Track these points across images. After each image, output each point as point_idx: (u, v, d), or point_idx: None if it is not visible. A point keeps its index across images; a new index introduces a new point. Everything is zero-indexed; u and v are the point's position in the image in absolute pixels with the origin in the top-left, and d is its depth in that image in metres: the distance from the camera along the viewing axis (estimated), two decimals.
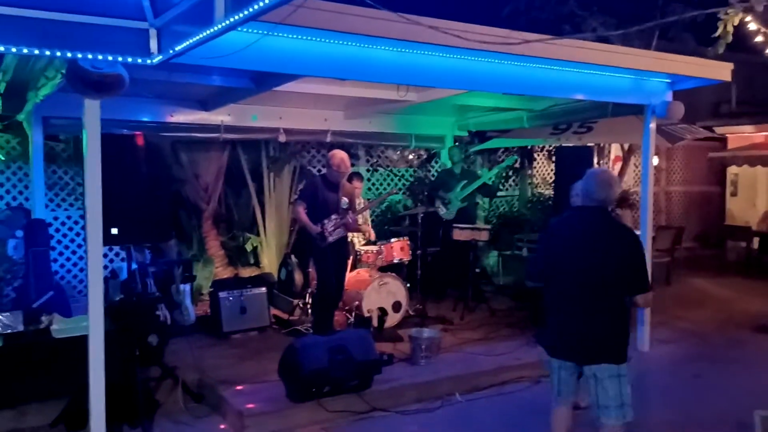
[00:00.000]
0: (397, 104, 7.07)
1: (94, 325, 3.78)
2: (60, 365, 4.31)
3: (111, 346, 3.88)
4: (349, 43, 4.10)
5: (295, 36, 3.83)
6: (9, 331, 4.20)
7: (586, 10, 9.18)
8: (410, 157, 9.80)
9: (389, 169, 9.66)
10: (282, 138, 7.75)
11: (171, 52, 3.01)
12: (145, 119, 6.87)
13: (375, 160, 9.59)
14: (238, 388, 4.89)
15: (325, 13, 3.46)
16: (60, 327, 4.30)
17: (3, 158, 6.83)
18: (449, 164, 8.59)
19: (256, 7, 2.23)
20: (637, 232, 6.52)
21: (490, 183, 7.98)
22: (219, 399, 4.79)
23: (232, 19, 2.42)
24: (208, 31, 2.61)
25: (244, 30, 2.89)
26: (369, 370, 4.85)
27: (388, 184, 9.67)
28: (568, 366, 3.47)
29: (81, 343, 3.90)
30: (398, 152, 9.66)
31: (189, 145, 7.79)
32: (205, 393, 4.97)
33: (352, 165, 9.10)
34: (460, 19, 4.29)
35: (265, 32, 3.52)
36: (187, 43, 2.82)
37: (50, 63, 4.38)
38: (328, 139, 8.15)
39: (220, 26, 2.48)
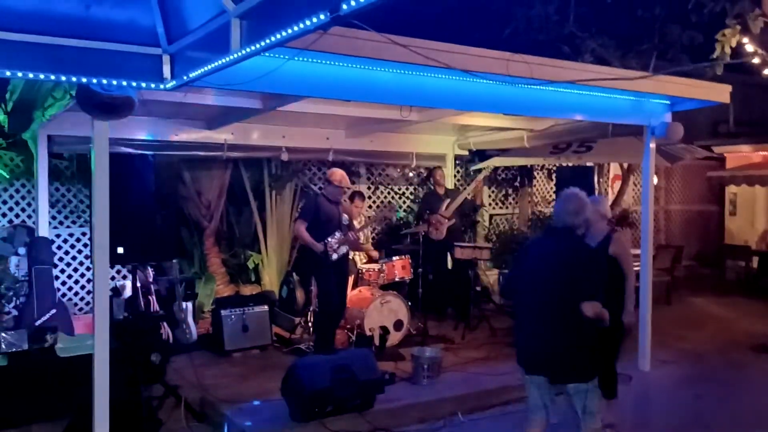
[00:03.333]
0: (398, 123, 7.13)
1: (99, 344, 3.80)
2: (64, 383, 4.32)
3: (115, 364, 3.89)
4: (355, 66, 4.17)
5: (306, 59, 3.89)
6: (14, 349, 4.20)
7: (585, 31, 9.27)
8: (410, 175, 9.86)
9: (390, 186, 9.71)
10: (285, 156, 7.80)
11: (185, 78, 3.06)
12: (150, 138, 6.91)
13: (376, 178, 9.65)
14: (241, 407, 4.89)
15: (343, 39, 3.53)
16: (65, 345, 4.31)
17: (7, 176, 6.86)
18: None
19: (272, 39, 2.27)
20: (637, 252, 6.63)
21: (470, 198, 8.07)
22: (222, 418, 4.78)
23: (247, 50, 2.46)
24: (223, 60, 2.65)
25: (265, 54, 2.91)
26: (372, 389, 4.85)
27: (389, 202, 9.71)
28: (542, 383, 3.55)
29: (85, 361, 3.92)
30: (398, 170, 9.73)
31: (191, 163, 7.84)
32: (208, 412, 4.97)
33: (353, 183, 9.20)
34: (461, 40, 4.36)
35: (287, 57, 3.61)
36: (202, 70, 2.86)
37: (58, 83, 4.43)
38: (330, 157, 8.21)
39: (235, 56, 2.52)
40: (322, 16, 1.97)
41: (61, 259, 7.44)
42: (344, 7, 1.83)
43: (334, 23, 1.93)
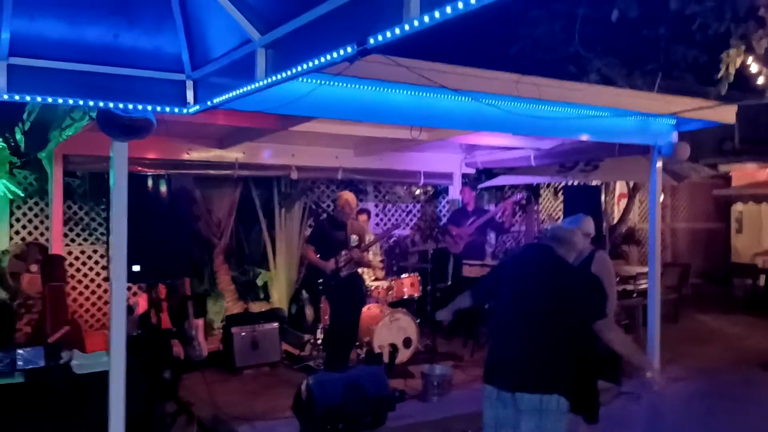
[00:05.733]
0: (406, 142, 7.20)
1: (115, 361, 3.85)
2: (78, 401, 4.35)
3: (129, 381, 3.93)
4: (368, 87, 4.25)
5: (324, 82, 3.99)
6: (30, 366, 4.24)
7: (591, 51, 9.38)
8: (417, 192, 9.93)
9: (397, 204, 9.78)
10: (294, 175, 7.88)
11: (209, 103, 3.13)
12: (163, 157, 7.00)
13: (383, 196, 9.72)
14: (253, 424, 4.92)
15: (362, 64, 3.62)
16: (80, 362, 4.35)
17: (21, 194, 6.95)
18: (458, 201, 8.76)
19: (298, 69, 2.34)
20: (645, 270, 6.66)
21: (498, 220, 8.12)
22: None
23: (272, 78, 2.53)
24: (248, 87, 2.72)
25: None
26: (383, 406, 4.88)
27: (396, 220, 9.77)
28: (503, 398, 3.31)
29: (100, 378, 3.96)
30: (405, 188, 9.81)
31: (202, 181, 7.92)
32: (220, 429, 5.00)
33: (361, 200, 9.27)
34: (469, 58, 4.46)
35: (321, 82, 3.72)
36: (226, 96, 2.93)
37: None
38: (339, 176, 8.29)
39: (260, 84, 2.59)
40: (349, 49, 2.04)
41: (72, 276, 7.51)
42: (371, 41, 1.91)
43: (360, 56, 2.01)
